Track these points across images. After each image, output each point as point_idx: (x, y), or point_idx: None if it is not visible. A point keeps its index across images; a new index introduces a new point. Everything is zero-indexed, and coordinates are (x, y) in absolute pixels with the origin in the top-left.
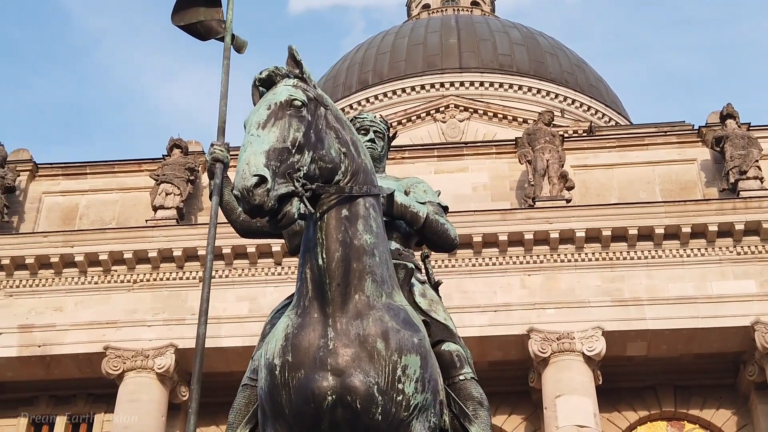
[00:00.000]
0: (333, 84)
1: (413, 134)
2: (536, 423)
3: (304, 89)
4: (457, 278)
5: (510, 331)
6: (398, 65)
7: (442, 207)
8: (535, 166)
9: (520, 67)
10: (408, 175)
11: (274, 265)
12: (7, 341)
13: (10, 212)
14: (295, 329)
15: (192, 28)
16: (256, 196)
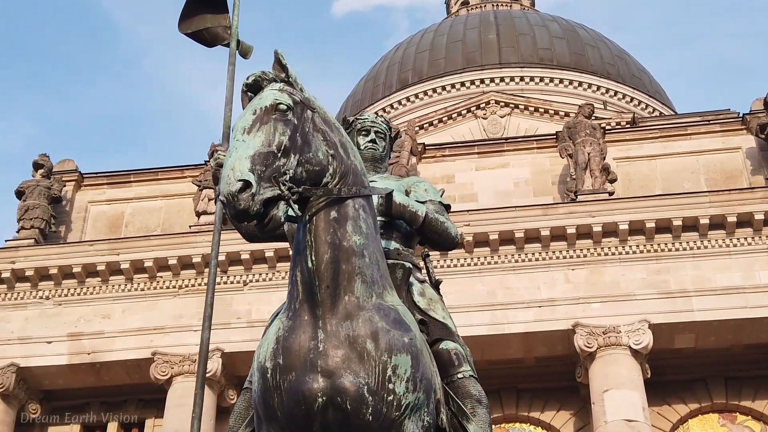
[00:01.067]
0: (373, 84)
1: (454, 132)
2: (585, 418)
3: (290, 93)
4: (500, 275)
5: (555, 326)
6: (438, 63)
7: (444, 205)
8: (576, 160)
9: (560, 60)
10: (449, 173)
11: None
12: (57, 349)
13: (57, 222)
14: (286, 332)
15: (198, 35)
16: (241, 201)
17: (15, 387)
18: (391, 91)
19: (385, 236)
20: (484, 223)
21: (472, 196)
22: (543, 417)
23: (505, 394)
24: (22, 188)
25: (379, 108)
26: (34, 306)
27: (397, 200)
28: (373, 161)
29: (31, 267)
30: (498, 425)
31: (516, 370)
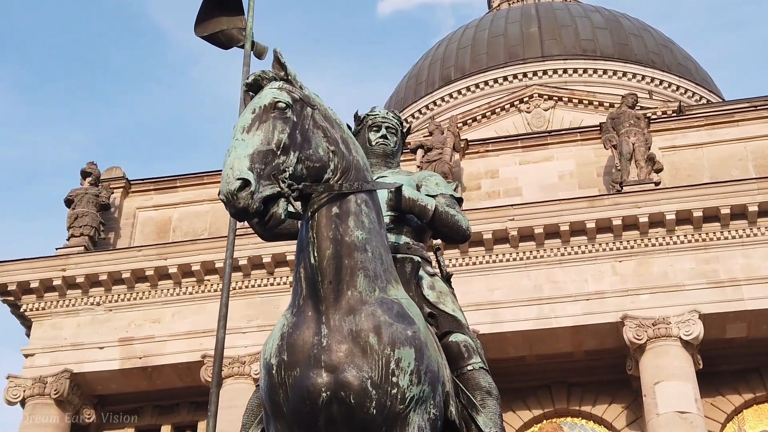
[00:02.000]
0: (416, 82)
1: (498, 126)
2: (637, 411)
3: (290, 91)
4: (547, 269)
5: (604, 319)
6: (480, 58)
7: (456, 199)
8: (620, 151)
9: (603, 51)
10: (493, 168)
11: None
12: (109, 355)
13: (106, 229)
14: (290, 328)
15: (214, 38)
16: (240, 199)
17: (69, 393)
18: (433, 88)
19: (396, 231)
20: (529, 217)
21: (517, 191)
22: (595, 411)
23: (556, 388)
24: (71, 197)
25: (422, 105)
26: (86, 312)
27: (406, 194)
28: (385, 157)
29: (82, 274)
30: (549, 420)
31: (566, 364)
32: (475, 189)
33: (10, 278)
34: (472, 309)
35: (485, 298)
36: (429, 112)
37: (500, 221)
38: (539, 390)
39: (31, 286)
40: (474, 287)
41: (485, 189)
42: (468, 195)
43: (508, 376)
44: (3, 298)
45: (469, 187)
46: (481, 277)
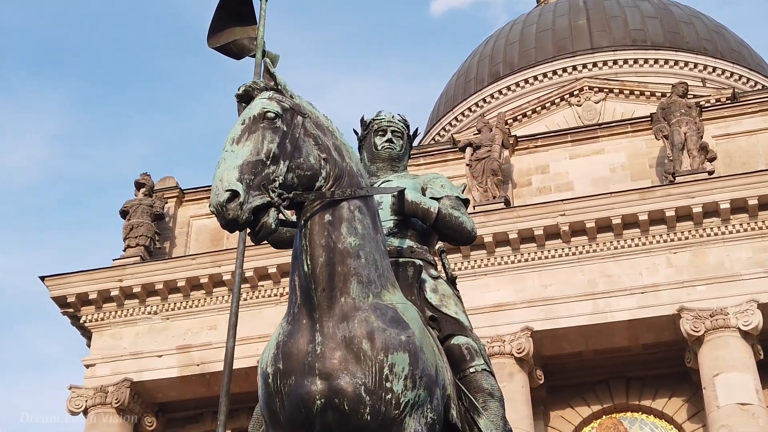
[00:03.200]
0: (465, 80)
1: (549, 121)
2: (698, 404)
3: (279, 100)
4: (600, 263)
5: (660, 312)
6: (528, 53)
7: (462, 200)
8: (672, 141)
9: (654, 40)
10: (543, 164)
11: None
12: (168, 362)
13: (161, 239)
14: (285, 337)
15: (226, 48)
16: (230, 210)
17: (130, 401)
18: (482, 86)
19: (400, 235)
20: (580, 212)
21: (568, 185)
22: (654, 405)
23: (614, 383)
24: (126, 208)
25: (471, 103)
26: (143, 321)
27: (409, 198)
28: (391, 161)
29: (138, 284)
30: (609, 415)
31: (624, 358)
32: (526, 185)
33: (69, 290)
34: (525, 306)
35: (538, 295)
36: (478, 109)
37: (551, 217)
38: (597, 385)
39: (89, 298)
40: (527, 284)
41: (536, 185)
42: (518, 191)
43: (565, 372)
44: (63, 310)
45: (520, 183)
46: (533, 273)
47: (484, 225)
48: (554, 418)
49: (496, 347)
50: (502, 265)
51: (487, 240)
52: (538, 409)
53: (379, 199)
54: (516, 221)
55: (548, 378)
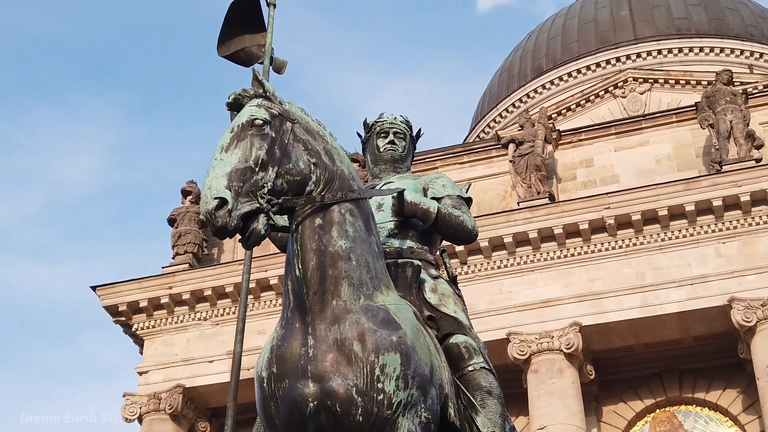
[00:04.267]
0: (508, 76)
1: (594, 114)
2: (753, 395)
3: (268, 107)
4: (648, 255)
5: (710, 303)
6: (571, 46)
7: (464, 199)
8: (718, 129)
9: (698, 28)
10: (587, 157)
11: (460, 265)
12: (219, 368)
13: (209, 245)
14: (279, 340)
15: (235, 56)
16: (219, 218)
17: (183, 407)
18: (526, 81)
19: (400, 235)
20: (625, 205)
21: (614, 178)
22: (709, 397)
23: (667, 376)
24: (174, 216)
25: (515, 99)
26: (194, 328)
27: (408, 199)
28: (393, 162)
29: (187, 290)
30: (662, 409)
31: (675, 351)
32: (571, 179)
33: (121, 299)
34: (573, 301)
35: (586, 289)
36: (522, 105)
37: (596, 210)
38: (650, 379)
39: (140, 306)
40: (574, 278)
41: (581, 179)
42: (563, 186)
43: (617, 367)
44: (115, 318)
45: (565, 177)
46: (580, 267)
47: (528, 221)
48: (606, 413)
49: (545, 343)
50: (549, 260)
51: (533, 236)
52: (589, 404)
53: (381, 201)
54: (561, 216)
55: (599, 373)
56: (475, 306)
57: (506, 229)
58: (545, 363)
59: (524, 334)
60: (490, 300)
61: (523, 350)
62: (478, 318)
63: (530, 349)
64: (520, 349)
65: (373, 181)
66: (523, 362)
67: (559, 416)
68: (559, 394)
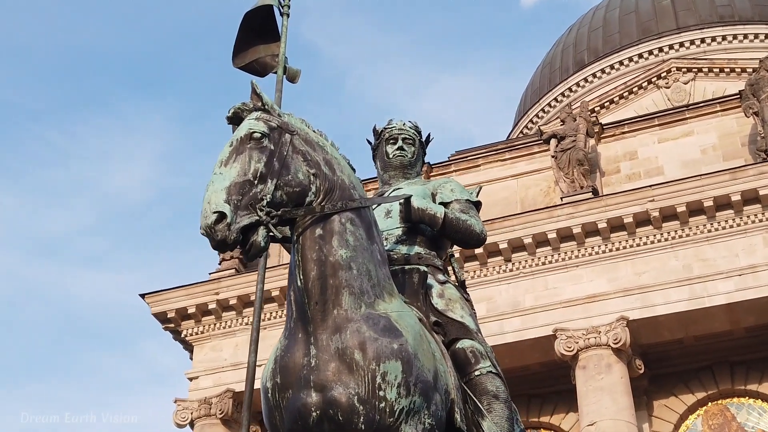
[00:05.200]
0: (550, 70)
1: (638, 106)
2: None
3: (267, 120)
4: (694, 247)
5: (760, 293)
6: (612, 38)
7: (473, 203)
8: (762, 117)
9: (741, 15)
10: (631, 150)
11: (504, 262)
12: None
13: None
14: (283, 351)
15: (249, 67)
16: (218, 232)
17: (234, 411)
18: (568, 75)
19: (408, 242)
20: (670, 197)
21: (658, 170)
22: (761, 389)
23: (718, 369)
24: None
25: (557, 93)
26: (242, 333)
27: (415, 205)
28: (402, 168)
29: (234, 296)
30: (715, 402)
31: (726, 343)
32: (615, 173)
33: (169, 306)
34: (619, 295)
35: (633, 283)
36: (565, 99)
37: (640, 203)
38: (701, 372)
39: (188, 312)
40: (620, 273)
41: (625, 172)
42: (607, 180)
43: (667, 360)
44: (164, 325)
45: (608, 171)
46: (626, 261)
47: (572, 216)
48: (658, 407)
49: (592, 339)
50: (593, 255)
51: (576, 231)
52: (640, 399)
53: (390, 208)
54: (605, 210)
55: (649, 367)
56: (520, 303)
57: (550, 225)
58: (593, 359)
59: (571, 330)
60: (536, 296)
61: (570, 346)
62: (523, 315)
63: (577, 345)
64: (567, 346)
65: (383, 188)
66: (570, 358)
67: (608, 412)
68: (608, 389)
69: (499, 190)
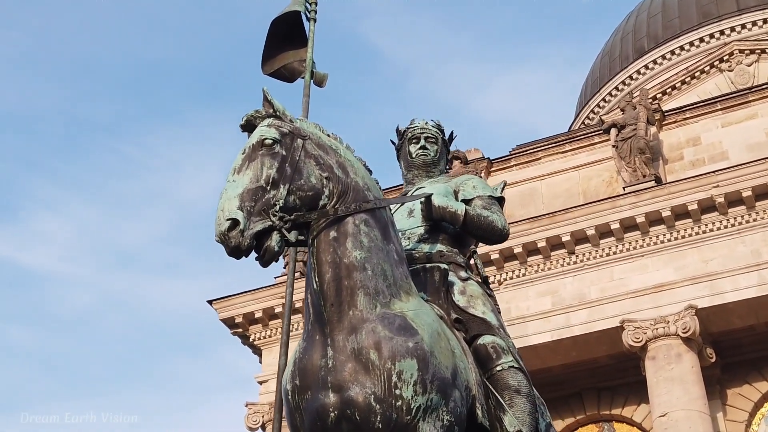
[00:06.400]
0: (609, 59)
1: (701, 90)
2: None
3: (278, 126)
4: (762, 232)
5: None
6: (672, 24)
7: (496, 198)
8: None
9: None
10: (694, 135)
11: (568, 255)
12: None
13: None
14: (301, 353)
15: (278, 73)
16: (232, 238)
17: None
18: (628, 63)
19: (431, 240)
20: (735, 182)
21: (722, 155)
22: None
23: None
24: None
25: (618, 82)
26: None
27: (435, 203)
28: (425, 167)
29: (299, 299)
30: None
31: None
32: (678, 160)
33: (236, 311)
34: (687, 284)
35: (700, 271)
36: (626, 87)
37: (704, 190)
38: None
39: (255, 317)
40: (687, 261)
41: (688, 158)
42: (671, 167)
43: (738, 348)
44: (233, 330)
45: (671, 158)
46: (692, 249)
47: (635, 206)
48: (731, 395)
49: (660, 329)
50: (659, 244)
51: (640, 220)
52: (713, 388)
53: (412, 207)
54: (668, 198)
55: (721, 356)
56: (586, 295)
57: (613, 216)
58: (662, 349)
59: (639, 321)
60: (602, 288)
61: (639, 337)
62: (590, 307)
63: (646, 336)
64: (635, 337)
65: (407, 188)
66: (639, 349)
67: (680, 402)
68: (678, 379)
69: (561, 182)
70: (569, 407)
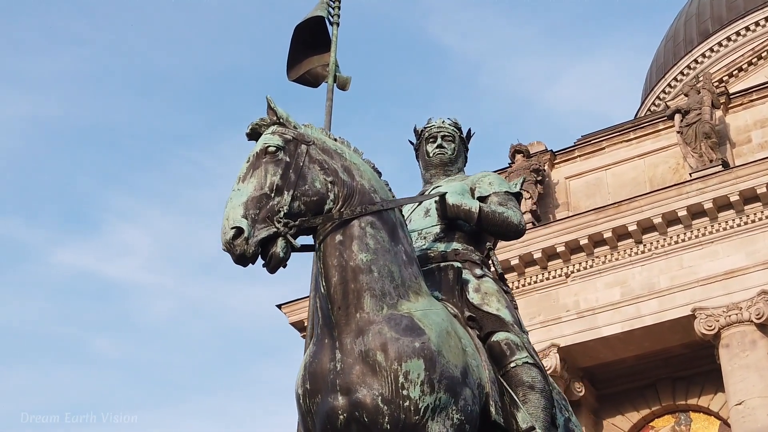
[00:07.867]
0: (674, 43)
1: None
2: None
3: (282, 133)
4: None
5: None
6: (736, 5)
7: (513, 194)
8: None
9: None
10: (762, 117)
11: (635, 244)
12: None
13: None
14: (311, 357)
15: (302, 79)
16: (236, 246)
17: None
18: (692, 46)
19: (446, 239)
20: None
21: None
22: None
23: None
24: None
25: (683, 66)
26: None
27: (449, 202)
28: (443, 166)
29: None
30: None
31: None
32: (746, 143)
33: (305, 314)
34: (759, 268)
35: None
36: (691, 71)
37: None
38: None
39: None
40: (758, 246)
41: (756, 141)
42: (739, 150)
43: None
44: (302, 333)
45: (739, 141)
46: (763, 233)
47: (702, 192)
48: None
49: (733, 315)
50: (728, 229)
51: (708, 206)
52: None
53: (428, 206)
54: (736, 182)
55: None
56: (656, 284)
57: (679, 203)
58: (736, 336)
59: (710, 309)
60: (672, 277)
61: (711, 325)
62: (660, 296)
63: (718, 324)
64: (707, 325)
65: (425, 187)
66: (712, 337)
67: (756, 389)
68: (754, 366)
69: (627, 171)
70: (644, 398)
